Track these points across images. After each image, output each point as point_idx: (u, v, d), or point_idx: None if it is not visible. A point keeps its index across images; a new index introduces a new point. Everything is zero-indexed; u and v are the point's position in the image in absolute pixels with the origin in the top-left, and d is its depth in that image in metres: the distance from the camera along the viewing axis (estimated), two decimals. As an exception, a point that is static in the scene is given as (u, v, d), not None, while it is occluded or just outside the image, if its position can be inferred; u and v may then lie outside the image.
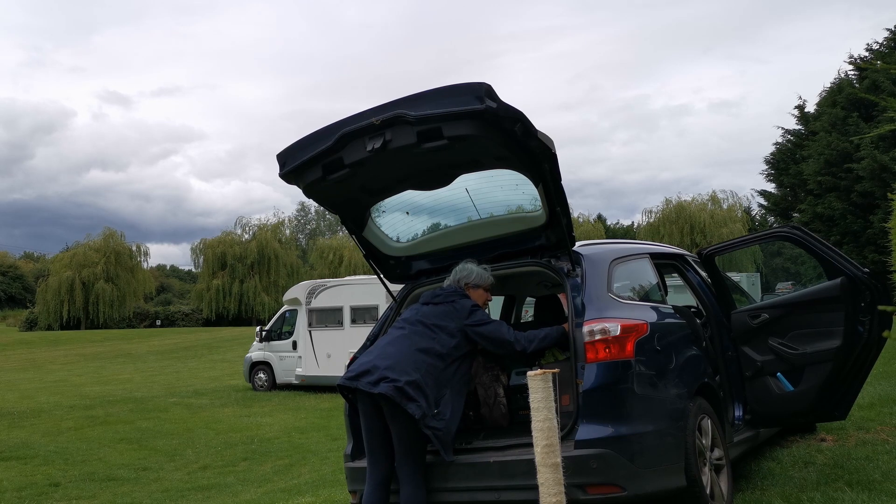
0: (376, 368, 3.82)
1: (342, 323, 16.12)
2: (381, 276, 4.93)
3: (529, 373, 3.39)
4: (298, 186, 4.15)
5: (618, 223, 75.09)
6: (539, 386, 3.31)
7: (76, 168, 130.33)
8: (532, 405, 3.29)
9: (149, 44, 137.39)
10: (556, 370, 3.48)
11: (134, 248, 57.83)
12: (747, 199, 49.90)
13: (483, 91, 3.40)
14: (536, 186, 4.03)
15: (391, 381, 3.73)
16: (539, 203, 4.24)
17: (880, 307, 4.61)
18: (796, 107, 31.03)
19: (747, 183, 55.25)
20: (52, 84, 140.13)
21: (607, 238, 46.15)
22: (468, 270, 4.31)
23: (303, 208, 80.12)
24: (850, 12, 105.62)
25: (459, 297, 4.16)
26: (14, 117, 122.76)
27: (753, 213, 48.41)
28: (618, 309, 4.04)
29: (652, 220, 49.69)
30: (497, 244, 4.57)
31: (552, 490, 3.27)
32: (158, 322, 56.58)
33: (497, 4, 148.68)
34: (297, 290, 17.34)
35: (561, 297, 5.47)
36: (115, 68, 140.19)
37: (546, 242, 4.35)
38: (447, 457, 3.84)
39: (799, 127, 30.82)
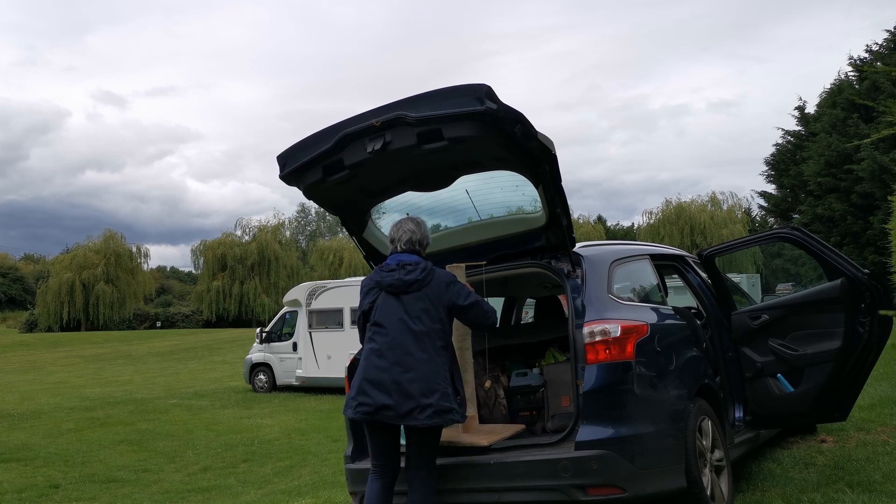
0: (405, 398, 3.55)
1: (342, 324, 16.11)
2: (382, 277, 4.93)
3: (448, 266, 3.99)
4: (298, 188, 4.15)
5: (618, 224, 75.13)
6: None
7: (71, 169, 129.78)
8: None
9: (143, 43, 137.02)
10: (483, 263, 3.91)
11: (134, 250, 57.83)
12: (747, 200, 49.97)
13: (483, 92, 3.41)
14: (536, 188, 4.04)
15: (426, 407, 3.53)
16: (539, 204, 4.25)
17: (881, 311, 4.62)
18: (796, 108, 31.11)
19: (747, 184, 55.25)
20: (46, 84, 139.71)
21: (607, 239, 46.16)
22: (426, 230, 4.04)
23: (303, 210, 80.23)
24: (850, 11, 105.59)
25: (431, 272, 3.78)
26: (8, 117, 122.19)
27: (753, 214, 48.46)
28: (618, 310, 4.04)
29: (652, 222, 49.70)
30: (497, 245, 4.57)
31: None
32: (158, 324, 56.60)
33: (493, 3, 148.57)
34: (298, 292, 17.33)
35: (561, 298, 5.48)
36: (110, 68, 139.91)
37: (546, 243, 4.35)
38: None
39: (799, 128, 30.86)
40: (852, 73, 26.90)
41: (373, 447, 3.86)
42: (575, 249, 4.30)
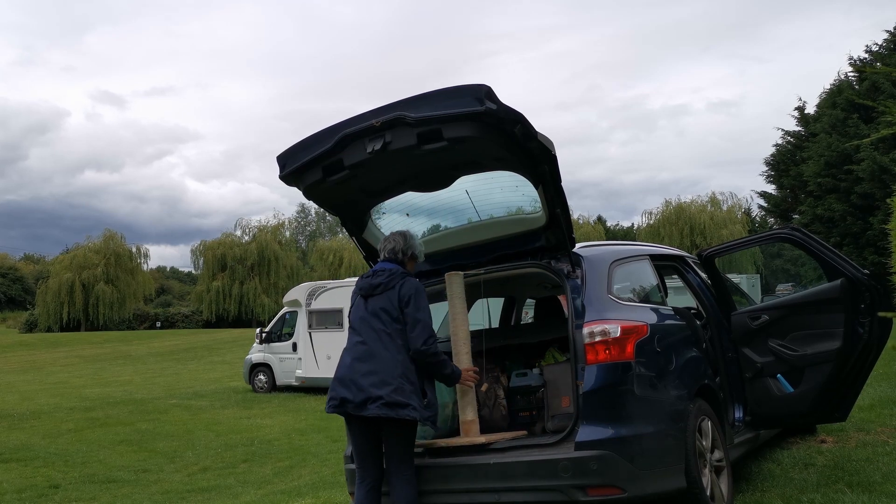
0: (358, 391, 3.75)
1: (342, 324, 16.09)
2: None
3: (447, 273, 4.23)
4: (298, 188, 4.16)
5: (618, 225, 75.16)
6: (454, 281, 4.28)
7: (70, 169, 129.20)
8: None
9: (142, 43, 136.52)
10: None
11: (134, 250, 57.78)
12: (747, 200, 50.04)
13: (483, 93, 3.41)
14: (536, 188, 4.04)
15: (375, 399, 3.70)
16: (539, 204, 4.25)
17: (880, 313, 4.61)
18: (796, 108, 31.12)
19: (747, 184, 55.27)
20: (44, 84, 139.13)
21: (607, 239, 46.12)
22: (411, 241, 4.18)
23: (303, 210, 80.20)
24: (850, 11, 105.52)
25: (399, 277, 3.97)
26: (6, 117, 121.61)
27: (753, 214, 48.50)
28: (618, 310, 4.04)
29: (652, 222, 49.73)
30: (497, 245, 4.57)
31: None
32: (158, 324, 56.58)
33: (493, 3, 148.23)
34: (297, 292, 17.33)
35: (561, 298, 5.48)
36: (108, 68, 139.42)
37: (546, 244, 4.35)
38: (436, 429, 4.16)
39: (799, 128, 30.87)
40: (852, 74, 26.89)
41: (353, 448, 4.00)
42: (575, 250, 4.30)
